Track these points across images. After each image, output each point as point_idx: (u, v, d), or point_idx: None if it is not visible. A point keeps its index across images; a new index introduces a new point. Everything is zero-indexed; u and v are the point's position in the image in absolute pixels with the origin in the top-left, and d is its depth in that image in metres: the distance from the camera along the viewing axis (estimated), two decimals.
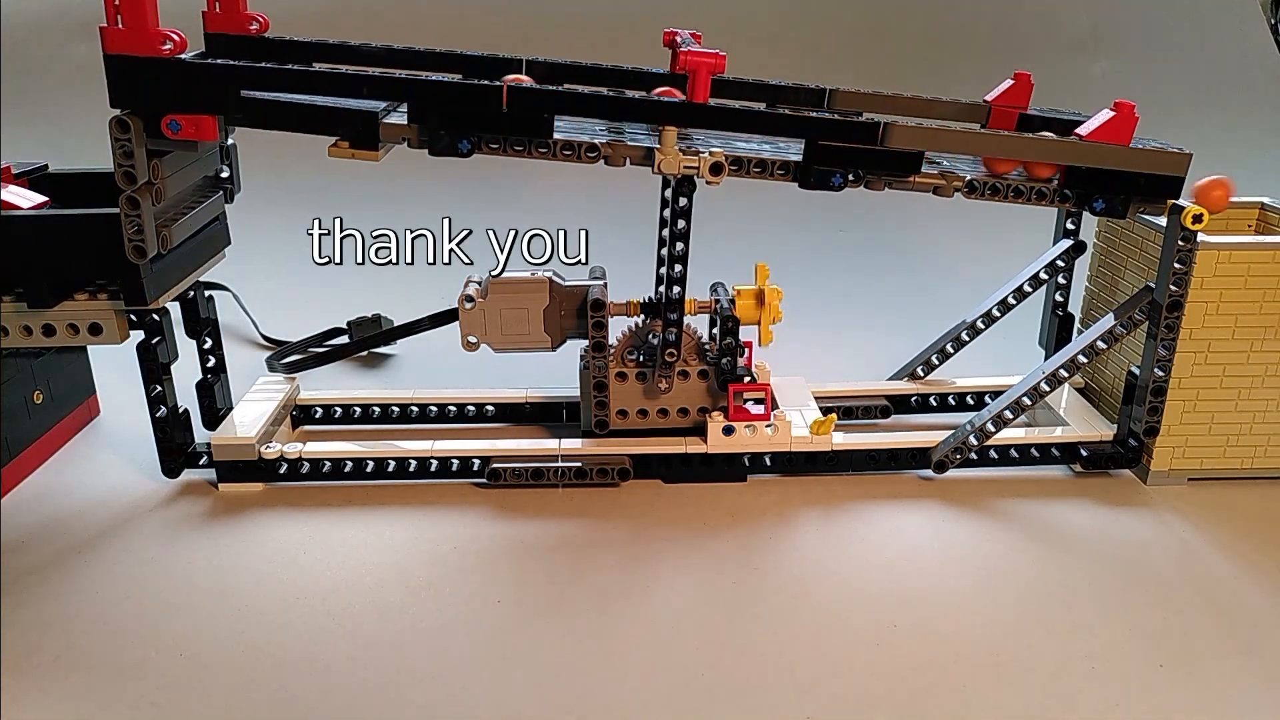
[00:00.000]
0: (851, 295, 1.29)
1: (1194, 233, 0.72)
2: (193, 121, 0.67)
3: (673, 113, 0.69)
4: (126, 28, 0.64)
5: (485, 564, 0.70)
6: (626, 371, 0.80)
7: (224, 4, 0.78)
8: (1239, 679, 0.59)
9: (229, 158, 0.83)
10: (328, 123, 0.68)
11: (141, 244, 0.69)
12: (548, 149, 0.70)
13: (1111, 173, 0.72)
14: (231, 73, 0.67)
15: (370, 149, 0.68)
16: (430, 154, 0.69)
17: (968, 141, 0.72)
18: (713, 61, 0.67)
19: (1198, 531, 0.74)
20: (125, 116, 0.66)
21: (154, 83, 0.66)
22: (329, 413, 0.91)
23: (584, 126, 0.74)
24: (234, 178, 0.84)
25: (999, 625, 0.64)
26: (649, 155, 0.70)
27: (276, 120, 0.68)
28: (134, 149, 0.67)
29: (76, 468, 0.84)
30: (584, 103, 0.69)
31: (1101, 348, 0.78)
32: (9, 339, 0.73)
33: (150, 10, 0.64)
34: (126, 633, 0.63)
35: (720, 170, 0.70)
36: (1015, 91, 0.84)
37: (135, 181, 0.68)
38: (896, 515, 0.76)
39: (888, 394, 0.93)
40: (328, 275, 1.25)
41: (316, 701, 0.57)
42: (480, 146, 0.69)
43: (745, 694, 0.58)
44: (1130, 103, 0.70)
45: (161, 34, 0.65)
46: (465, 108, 0.68)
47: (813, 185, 0.71)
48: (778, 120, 0.71)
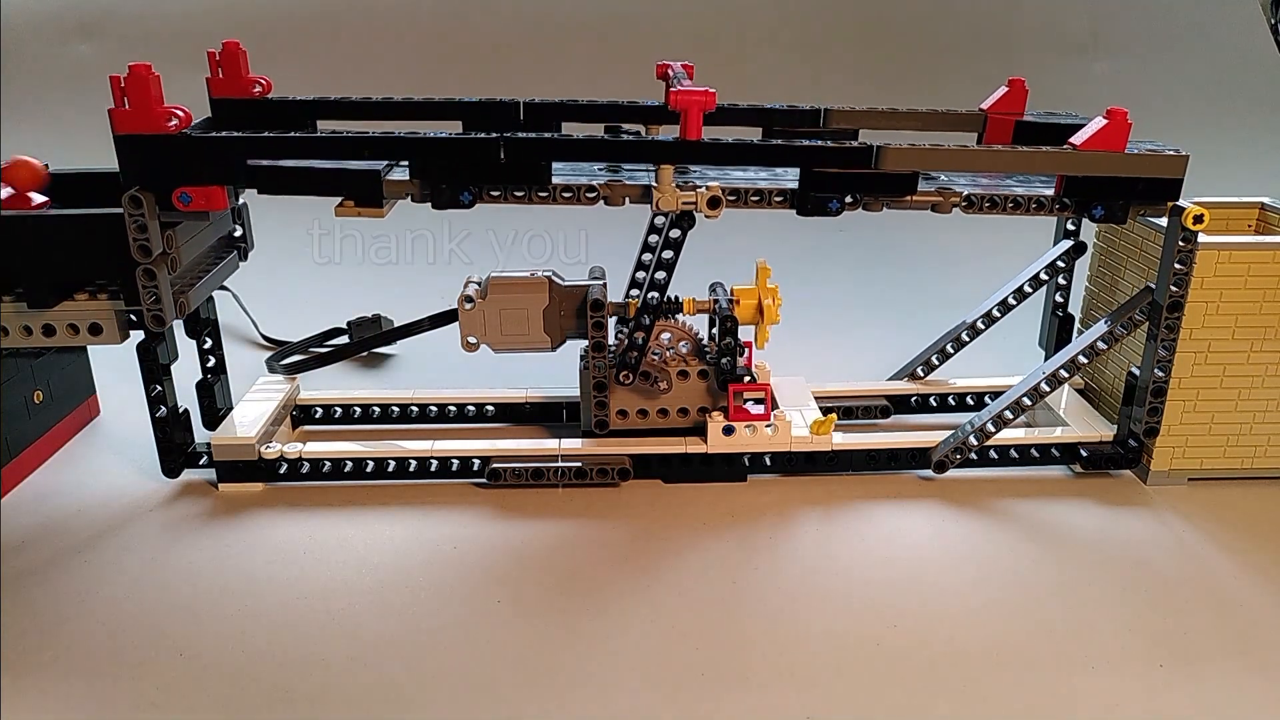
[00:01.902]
0: (851, 295, 1.29)
1: (1194, 233, 0.72)
2: (203, 193, 0.69)
3: (667, 152, 0.70)
4: (132, 108, 0.66)
5: (485, 564, 0.70)
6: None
7: (226, 70, 0.80)
8: (1239, 679, 0.59)
9: (241, 217, 0.85)
10: (333, 185, 0.70)
11: (160, 313, 0.72)
12: (548, 193, 0.71)
13: (1109, 179, 0.72)
14: (237, 145, 0.69)
15: (375, 206, 0.70)
16: (433, 208, 0.71)
17: (962, 159, 0.72)
18: (703, 99, 0.68)
19: (1198, 531, 0.74)
20: (137, 193, 0.68)
21: (163, 159, 0.68)
22: (329, 413, 0.91)
23: (581, 168, 0.76)
24: (247, 236, 0.86)
25: (999, 625, 0.64)
26: (647, 193, 0.72)
27: (283, 186, 0.70)
28: (147, 223, 0.69)
29: (76, 468, 0.84)
30: (580, 148, 0.71)
31: (1102, 348, 0.78)
32: (9, 339, 0.73)
33: (154, 90, 0.66)
34: (126, 633, 0.63)
35: (718, 204, 0.71)
36: (1010, 98, 0.84)
37: (151, 254, 0.70)
38: (896, 515, 0.76)
39: (888, 394, 0.93)
40: (328, 275, 1.26)
41: (316, 701, 0.57)
42: (481, 196, 0.71)
43: (745, 694, 0.58)
44: (1122, 109, 0.71)
45: (166, 111, 0.67)
46: (464, 162, 0.70)
47: (810, 212, 0.72)
48: (772, 151, 0.72)
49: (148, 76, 0.66)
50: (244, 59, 0.80)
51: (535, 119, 0.81)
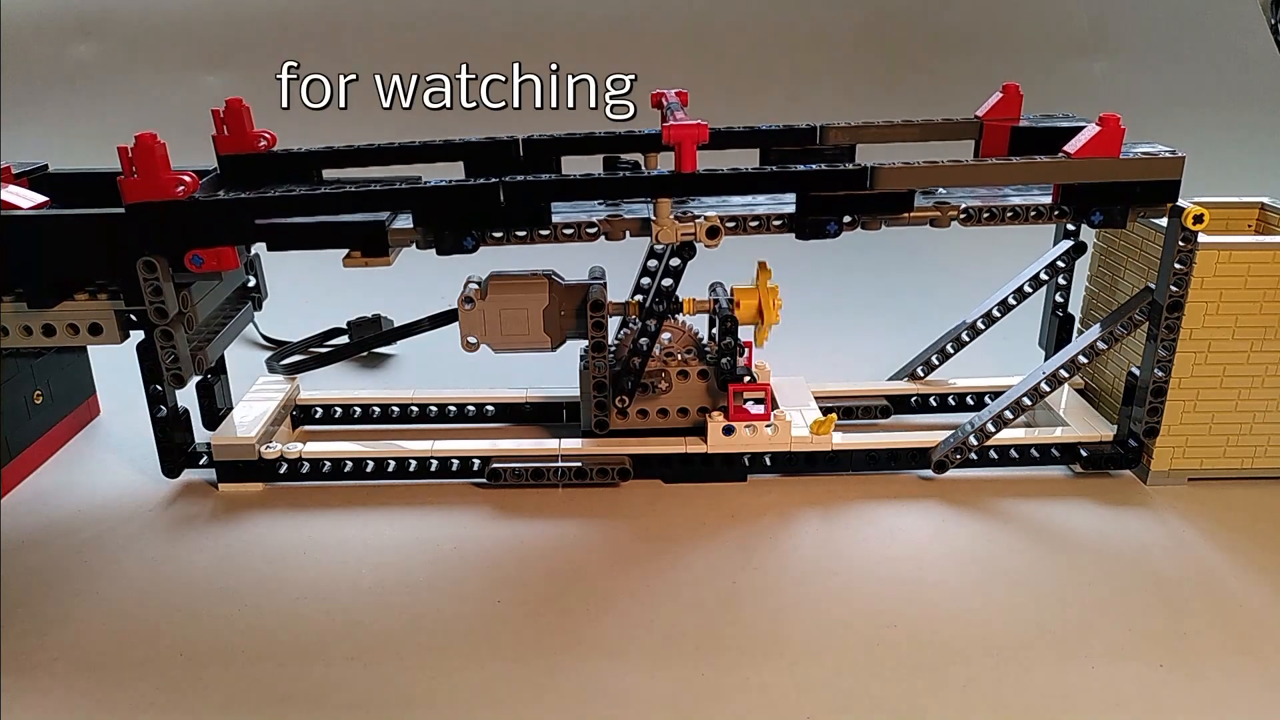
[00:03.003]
0: (851, 295, 1.29)
1: (1194, 233, 0.72)
2: (214, 254, 0.71)
3: (664, 186, 0.71)
4: (141, 177, 0.67)
5: (485, 564, 0.70)
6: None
7: (232, 127, 0.81)
8: (1239, 679, 0.59)
9: (254, 268, 0.86)
10: (341, 238, 0.71)
11: (179, 373, 0.74)
12: (549, 232, 0.73)
13: (1105, 185, 0.72)
14: (244, 206, 0.70)
15: (381, 256, 0.72)
16: (438, 254, 0.73)
17: (956, 174, 0.73)
18: (696, 132, 0.69)
19: (1198, 531, 0.74)
20: (151, 258, 0.69)
21: (173, 224, 0.69)
22: (329, 413, 0.91)
23: (581, 204, 0.77)
24: (260, 286, 0.87)
25: (999, 625, 0.64)
26: (646, 226, 0.73)
27: (292, 242, 0.71)
28: (162, 285, 0.70)
29: (76, 468, 0.84)
30: (578, 187, 0.72)
31: (1101, 348, 0.78)
32: (9, 339, 0.73)
33: (161, 158, 0.68)
34: (126, 633, 0.63)
35: (717, 233, 0.72)
36: (1005, 104, 0.84)
37: (167, 315, 0.71)
38: (896, 515, 0.76)
39: (888, 394, 0.93)
40: (328, 275, 1.26)
41: (316, 702, 0.57)
42: (484, 239, 0.73)
43: (745, 694, 0.58)
44: (1115, 115, 0.71)
45: (174, 178, 0.68)
46: (465, 208, 0.71)
47: (809, 236, 0.73)
48: (767, 179, 0.72)
49: (153, 145, 0.67)
50: (248, 115, 0.81)
51: (535, 155, 0.83)
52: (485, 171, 0.81)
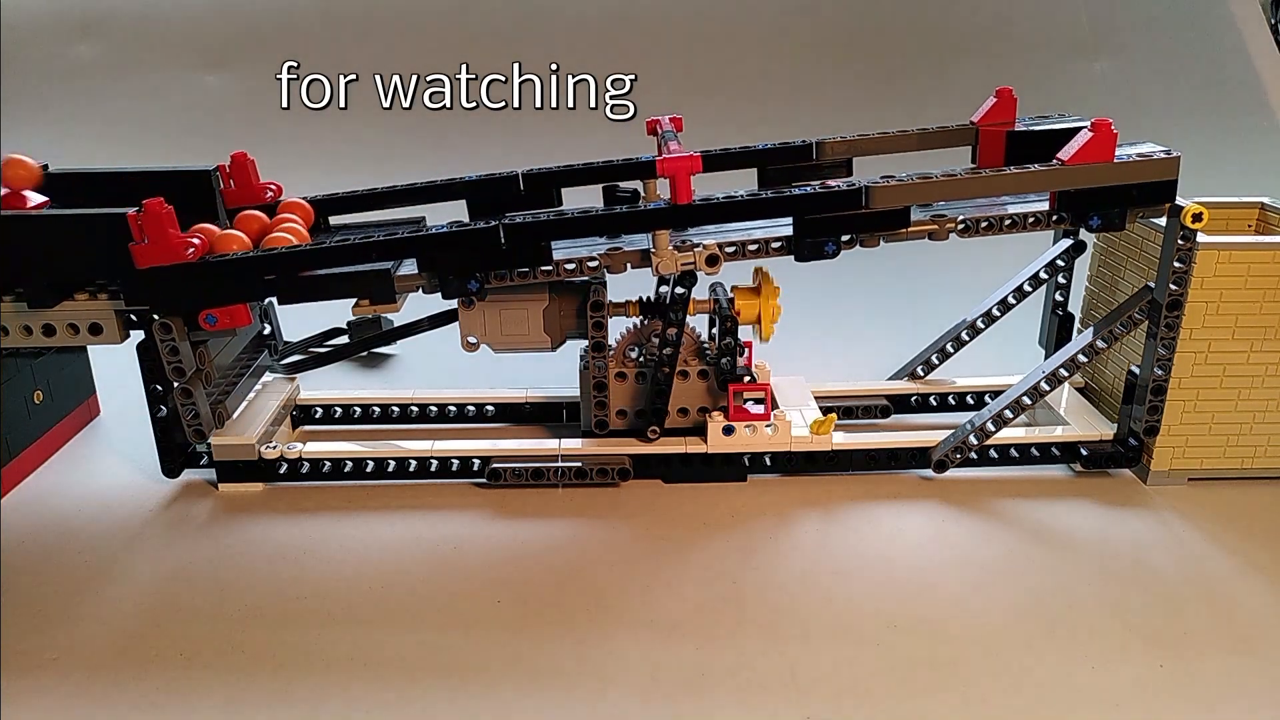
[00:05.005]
0: (851, 295, 1.28)
1: (1194, 232, 0.72)
2: (227, 312, 0.72)
3: (659, 219, 0.72)
4: (151, 243, 0.68)
5: (485, 564, 0.70)
6: (626, 371, 0.80)
7: (238, 180, 0.82)
8: (1239, 679, 0.59)
9: (268, 316, 0.87)
10: (350, 288, 0.73)
11: (200, 428, 0.76)
12: (551, 268, 0.74)
13: (1102, 189, 0.72)
14: (252, 264, 0.71)
15: (389, 303, 0.74)
16: (444, 298, 0.75)
17: (951, 189, 0.73)
18: (689, 164, 0.69)
19: (1198, 531, 0.74)
20: (166, 320, 0.72)
21: (185, 287, 0.70)
22: (329, 413, 0.91)
23: (581, 239, 0.78)
24: (276, 333, 0.88)
25: (999, 625, 0.64)
26: (646, 257, 0.74)
27: (302, 295, 0.73)
28: (179, 345, 0.73)
29: (76, 468, 0.84)
30: (576, 225, 0.73)
31: (1101, 347, 0.78)
32: (9, 339, 0.73)
33: (169, 224, 0.68)
34: (126, 633, 0.63)
35: (716, 261, 0.73)
36: (999, 109, 0.84)
37: (185, 374, 0.74)
38: (896, 515, 0.76)
39: (888, 394, 0.93)
40: None
41: (316, 702, 0.57)
42: (488, 280, 0.74)
43: (745, 694, 0.58)
44: (1106, 120, 0.71)
45: (184, 241, 0.69)
46: (467, 252, 0.72)
47: (808, 257, 0.74)
48: (763, 204, 0.73)
49: (161, 212, 0.68)
50: (253, 167, 0.83)
51: (535, 188, 0.84)
52: (487, 207, 0.83)
